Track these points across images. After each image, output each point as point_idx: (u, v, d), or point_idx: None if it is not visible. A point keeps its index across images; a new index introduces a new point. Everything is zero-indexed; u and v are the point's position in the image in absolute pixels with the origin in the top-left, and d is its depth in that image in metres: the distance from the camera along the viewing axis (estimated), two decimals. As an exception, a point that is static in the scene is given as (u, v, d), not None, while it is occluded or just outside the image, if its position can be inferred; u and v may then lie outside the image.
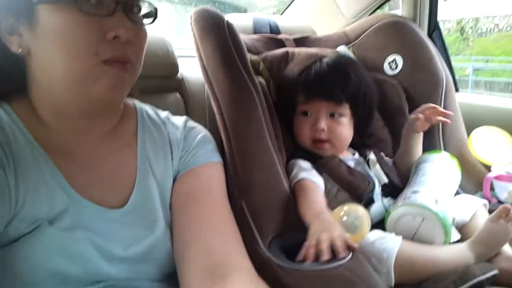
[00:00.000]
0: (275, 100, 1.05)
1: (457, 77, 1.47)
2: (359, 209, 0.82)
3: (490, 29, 12.78)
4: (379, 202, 0.93)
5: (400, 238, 0.78)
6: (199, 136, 0.74)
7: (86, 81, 0.53)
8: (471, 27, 13.05)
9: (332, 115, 0.97)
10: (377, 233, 0.81)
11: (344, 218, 0.80)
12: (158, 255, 0.63)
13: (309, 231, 0.74)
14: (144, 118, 0.71)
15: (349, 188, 0.93)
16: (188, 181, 0.68)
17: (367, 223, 0.81)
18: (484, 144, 1.11)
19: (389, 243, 0.77)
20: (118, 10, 0.53)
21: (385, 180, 0.98)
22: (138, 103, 0.74)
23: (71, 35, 0.51)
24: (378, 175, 0.99)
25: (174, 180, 0.69)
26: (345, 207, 0.82)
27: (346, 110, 0.98)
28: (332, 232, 0.71)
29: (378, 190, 0.96)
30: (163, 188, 0.67)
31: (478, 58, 11.84)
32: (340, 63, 1.01)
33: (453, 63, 1.47)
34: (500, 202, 1.01)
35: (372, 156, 1.03)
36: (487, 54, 12.16)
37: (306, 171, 0.91)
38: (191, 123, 0.77)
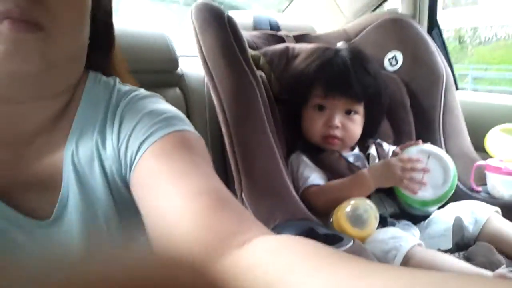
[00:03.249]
0: (278, 92, 1.04)
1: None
2: (367, 202, 0.81)
3: (489, 38, 12.86)
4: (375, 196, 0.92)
5: (414, 239, 0.78)
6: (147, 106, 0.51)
7: None
8: (470, 37, 13.13)
9: (347, 112, 0.96)
10: (394, 231, 0.81)
11: (352, 212, 0.79)
12: None
13: (378, 172, 0.88)
14: (90, 98, 0.52)
15: None
16: (148, 163, 0.46)
17: (375, 218, 0.80)
18: (501, 144, 1.06)
19: (402, 242, 0.76)
20: None
21: None
22: (94, 80, 0.54)
23: None
24: None
25: (125, 176, 0.50)
26: (352, 201, 0.81)
27: (361, 108, 0.97)
28: (389, 163, 0.87)
29: None
30: (89, 194, 0.49)
31: (476, 67, 11.91)
32: (360, 58, 0.99)
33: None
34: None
35: (372, 150, 1.02)
36: (485, 63, 12.23)
37: (313, 173, 0.92)
38: (141, 92, 0.54)
